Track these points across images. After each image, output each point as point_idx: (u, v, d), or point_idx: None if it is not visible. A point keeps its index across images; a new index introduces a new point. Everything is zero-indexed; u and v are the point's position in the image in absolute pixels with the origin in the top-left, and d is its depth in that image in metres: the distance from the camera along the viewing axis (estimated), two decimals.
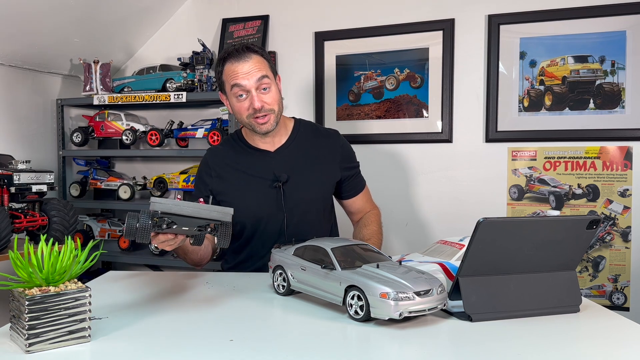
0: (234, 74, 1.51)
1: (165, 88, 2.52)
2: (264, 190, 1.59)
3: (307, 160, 1.64)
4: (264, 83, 1.52)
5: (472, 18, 2.35)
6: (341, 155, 1.69)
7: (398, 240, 2.45)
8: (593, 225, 1.12)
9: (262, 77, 1.51)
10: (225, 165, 1.64)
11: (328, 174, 1.66)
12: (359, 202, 1.76)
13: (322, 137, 1.70)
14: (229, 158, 1.65)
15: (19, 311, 0.89)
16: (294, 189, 1.59)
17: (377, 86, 2.49)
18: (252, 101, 1.51)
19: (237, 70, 1.51)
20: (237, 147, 1.67)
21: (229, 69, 1.53)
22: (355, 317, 1.04)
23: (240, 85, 1.51)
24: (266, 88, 1.53)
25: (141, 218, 1.05)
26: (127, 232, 1.10)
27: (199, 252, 1.57)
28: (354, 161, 1.75)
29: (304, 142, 1.67)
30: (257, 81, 1.51)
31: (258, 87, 1.51)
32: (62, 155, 2.68)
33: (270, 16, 2.65)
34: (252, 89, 1.51)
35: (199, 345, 0.93)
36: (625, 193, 2.19)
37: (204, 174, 1.66)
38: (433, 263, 1.20)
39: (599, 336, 1.02)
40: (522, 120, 2.29)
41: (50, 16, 2.29)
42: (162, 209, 1.03)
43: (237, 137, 1.70)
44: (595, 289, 2.24)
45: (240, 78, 1.50)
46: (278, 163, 1.61)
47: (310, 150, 1.66)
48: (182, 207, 1.04)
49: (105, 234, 2.68)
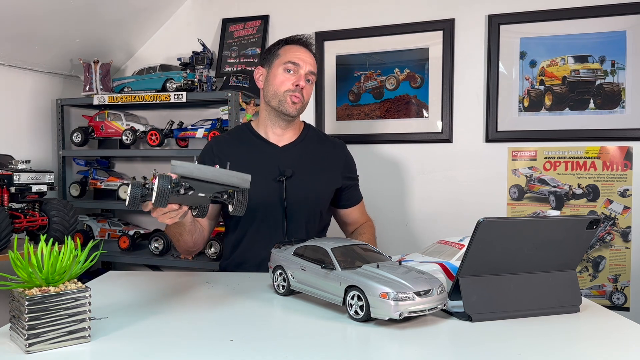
0: (296, 53, 1.64)
1: (165, 88, 2.52)
2: (267, 183, 1.60)
3: (311, 161, 1.67)
4: (311, 76, 1.66)
5: (472, 18, 2.35)
6: (344, 164, 1.75)
7: (398, 240, 2.45)
8: (593, 225, 1.12)
9: (312, 72, 1.66)
10: (230, 153, 1.65)
11: (330, 178, 1.70)
12: (355, 213, 1.80)
13: (328, 145, 1.75)
14: (234, 147, 1.68)
15: (19, 311, 0.89)
16: (297, 186, 1.61)
17: (377, 86, 2.49)
18: (299, 79, 1.62)
19: (299, 53, 1.65)
20: (244, 137, 1.70)
21: (291, 48, 1.65)
22: (355, 317, 1.04)
23: (297, 64, 1.63)
24: (310, 81, 1.67)
25: (160, 182, 0.98)
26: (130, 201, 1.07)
27: (194, 234, 1.56)
28: (355, 173, 1.81)
29: (310, 144, 1.72)
30: (309, 71, 1.65)
31: (306, 75, 1.65)
32: (62, 155, 2.68)
33: (270, 16, 2.65)
34: (302, 69, 1.64)
35: (199, 345, 0.93)
36: (626, 193, 2.19)
37: (207, 159, 1.67)
38: (433, 263, 1.20)
39: (599, 336, 1.02)
40: (522, 120, 2.29)
41: (51, 16, 2.29)
42: (183, 172, 0.96)
43: (247, 127, 1.73)
44: (595, 289, 2.24)
45: (300, 59, 1.63)
46: (284, 158, 1.64)
47: (315, 153, 1.70)
48: (203, 171, 0.98)
49: (105, 234, 2.68)
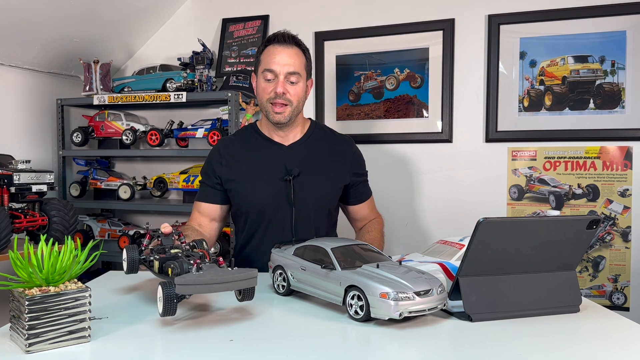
0: (272, 57, 1.58)
1: (165, 88, 2.52)
2: (274, 182, 1.60)
3: (319, 159, 1.66)
4: (293, 77, 1.59)
5: (472, 18, 2.35)
6: (352, 160, 1.72)
7: (398, 240, 2.45)
8: (593, 225, 1.12)
9: (294, 72, 1.58)
10: (237, 155, 1.66)
11: (338, 175, 1.68)
12: (364, 209, 1.79)
13: (336, 142, 1.73)
14: (241, 148, 1.68)
15: (19, 311, 0.89)
16: (304, 184, 1.61)
17: (377, 86, 2.49)
18: (276, 86, 1.57)
19: (276, 54, 1.58)
20: (250, 138, 1.70)
21: (269, 51, 1.60)
22: (355, 317, 1.04)
23: (272, 69, 1.57)
24: (294, 82, 1.60)
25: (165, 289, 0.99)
26: (129, 266, 1.17)
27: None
28: (364, 169, 1.78)
29: (317, 142, 1.70)
30: (289, 72, 1.58)
31: (287, 77, 1.58)
32: (62, 155, 2.68)
33: (270, 16, 2.65)
34: (280, 75, 1.57)
35: (199, 345, 0.93)
36: (625, 193, 2.19)
37: (214, 161, 1.67)
38: (433, 263, 1.20)
39: (599, 336, 1.02)
40: (522, 120, 2.29)
41: (51, 16, 2.29)
42: (189, 291, 0.98)
43: (253, 128, 1.73)
44: (595, 289, 2.24)
45: (275, 62, 1.57)
46: (290, 157, 1.64)
47: (322, 151, 1.69)
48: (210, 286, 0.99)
49: (105, 234, 2.68)
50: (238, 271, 1.03)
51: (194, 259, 1.06)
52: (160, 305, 1.01)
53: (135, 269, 1.19)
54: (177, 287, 0.96)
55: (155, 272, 1.14)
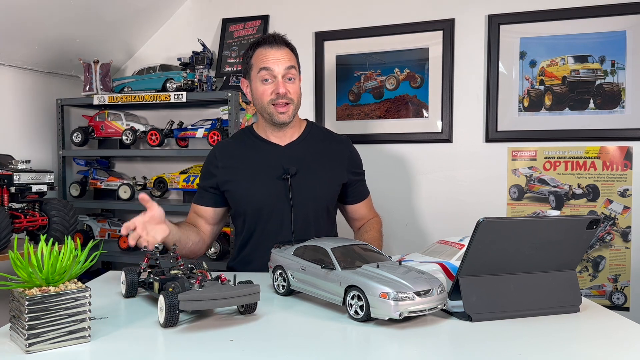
0: (264, 58, 1.57)
1: (165, 88, 2.52)
2: (272, 182, 1.60)
3: (316, 158, 1.67)
4: (290, 73, 1.58)
5: (472, 18, 2.35)
6: (349, 159, 1.73)
7: (398, 240, 2.45)
8: (593, 225, 1.12)
9: (290, 67, 1.58)
10: (234, 157, 1.66)
11: (335, 174, 1.68)
12: (362, 209, 1.79)
13: (333, 141, 1.74)
14: (238, 150, 1.68)
15: (19, 311, 0.89)
16: (302, 183, 1.61)
17: (377, 86, 2.49)
18: (277, 86, 1.56)
19: (269, 55, 1.57)
20: (247, 140, 1.70)
21: (260, 53, 1.59)
22: (355, 317, 1.04)
23: (269, 69, 1.56)
24: (292, 78, 1.59)
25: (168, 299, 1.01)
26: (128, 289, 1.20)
27: (187, 244, 1.59)
28: (361, 168, 1.79)
29: (314, 142, 1.70)
30: (286, 69, 1.57)
31: (285, 75, 1.58)
32: (62, 155, 2.68)
33: (270, 16, 2.65)
34: (279, 75, 1.57)
35: (199, 345, 0.93)
36: (625, 193, 2.19)
37: (211, 165, 1.68)
38: (433, 263, 1.20)
39: (599, 336, 1.02)
40: (522, 120, 2.29)
41: (51, 16, 2.29)
42: (193, 307, 1.00)
43: (249, 131, 1.73)
44: (595, 289, 2.24)
45: (270, 62, 1.56)
46: (287, 157, 1.64)
47: (319, 150, 1.69)
48: (214, 302, 1.01)
49: (105, 234, 2.68)
50: (241, 287, 1.05)
51: (195, 277, 1.08)
52: (161, 315, 1.01)
53: (134, 292, 1.22)
54: (180, 303, 0.98)
55: (155, 293, 1.15)
